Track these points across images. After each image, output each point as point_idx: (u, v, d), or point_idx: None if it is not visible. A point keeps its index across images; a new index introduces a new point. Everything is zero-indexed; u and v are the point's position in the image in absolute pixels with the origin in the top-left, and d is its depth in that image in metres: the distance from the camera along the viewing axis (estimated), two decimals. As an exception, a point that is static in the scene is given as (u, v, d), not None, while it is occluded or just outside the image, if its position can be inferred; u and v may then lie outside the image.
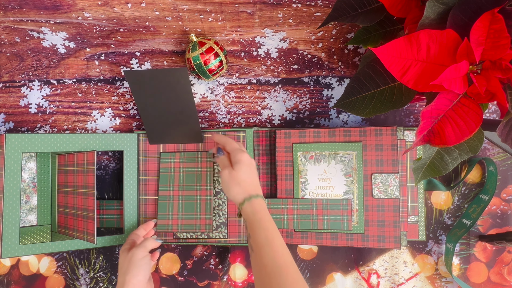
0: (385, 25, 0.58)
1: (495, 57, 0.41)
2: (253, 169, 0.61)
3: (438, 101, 0.44)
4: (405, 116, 0.75)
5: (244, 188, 0.58)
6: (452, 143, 0.43)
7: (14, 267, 0.75)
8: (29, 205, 0.75)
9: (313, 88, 0.76)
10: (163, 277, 0.75)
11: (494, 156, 0.73)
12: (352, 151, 0.68)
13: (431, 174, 0.52)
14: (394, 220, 0.66)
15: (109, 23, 0.75)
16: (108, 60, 0.77)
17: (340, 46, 0.76)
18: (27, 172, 0.75)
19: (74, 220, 0.70)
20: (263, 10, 0.73)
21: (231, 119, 0.76)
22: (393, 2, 0.51)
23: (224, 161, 0.62)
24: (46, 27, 0.75)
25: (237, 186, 0.58)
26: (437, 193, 0.74)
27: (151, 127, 0.71)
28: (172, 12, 0.73)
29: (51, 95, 0.77)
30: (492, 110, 0.75)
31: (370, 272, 0.73)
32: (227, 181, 0.59)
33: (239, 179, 0.58)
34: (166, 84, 0.66)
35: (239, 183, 0.58)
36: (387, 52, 0.44)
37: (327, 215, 0.68)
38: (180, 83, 0.66)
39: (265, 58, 0.76)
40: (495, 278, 0.73)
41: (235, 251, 0.75)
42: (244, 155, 0.60)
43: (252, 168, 0.61)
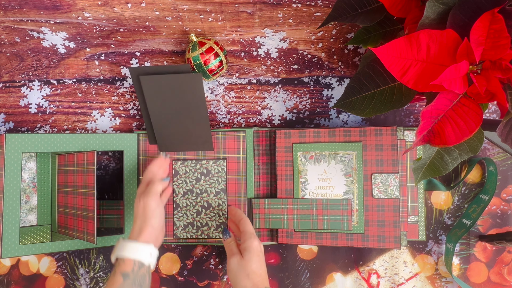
0: (385, 25, 0.58)
1: (495, 57, 0.41)
2: (262, 258, 0.59)
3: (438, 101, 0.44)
4: (405, 116, 0.75)
5: (253, 282, 0.56)
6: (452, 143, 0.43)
7: (14, 267, 0.75)
8: (29, 205, 0.75)
9: (313, 88, 0.76)
10: (163, 277, 0.75)
11: (494, 156, 0.73)
12: (352, 151, 0.68)
13: (431, 174, 0.52)
14: (394, 220, 0.66)
15: (109, 23, 0.75)
16: (108, 60, 0.77)
17: (340, 46, 0.76)
18: (27, 172, 0.75)
19: (74, 220, 0.70)
20: (263, 10, 0.73)
21: (231, 119, 0.76)
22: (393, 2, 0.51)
23: (232, 246, 0.60)
24: (46, 27, 0.75)
25: (246, 278, 0.56)
26: (437, 193, 0.74)
27: (161, 134, 0.70)
28: (172, 12, 0.73)
29: (51, 95, 0.77)
30: (492, 110, 0.75)
31: (370, 272, 0.73)
32: (236, 271, 0.57)
33: (249, 271, 0.56)
34: (179, 90, 0.64)
35: (249, 275, 0.56)
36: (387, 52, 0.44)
37: (327, 215, 0.68)
38: (193, 89, 0.64)
39: (265, 58, 0.76)
40: (495, 278, 0.73)
41: (235, 251, 0.75)
42: (255, 242, 0.59)
43: (261, 257, 0.59)
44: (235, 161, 0.71)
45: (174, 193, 0.73)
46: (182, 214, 0.72)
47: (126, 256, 0.55)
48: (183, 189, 0.72)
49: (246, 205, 0.71)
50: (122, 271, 0.54)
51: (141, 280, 0.55)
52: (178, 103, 0.66)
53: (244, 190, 0.71)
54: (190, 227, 0.72)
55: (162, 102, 0.66)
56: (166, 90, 0.65)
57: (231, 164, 0.72)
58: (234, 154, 0.72)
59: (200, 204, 0.72)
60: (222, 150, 0.72)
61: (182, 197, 0.72)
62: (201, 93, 0.65)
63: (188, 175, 0.72)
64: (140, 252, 0.56)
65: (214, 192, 0.72)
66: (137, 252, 0.56)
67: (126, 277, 0.53)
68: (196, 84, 0.64)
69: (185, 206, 0.72)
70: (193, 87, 0.64)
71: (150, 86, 0.65)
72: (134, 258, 0.55)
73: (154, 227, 0.59)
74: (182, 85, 0.64)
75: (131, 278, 0.54)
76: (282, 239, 0.70)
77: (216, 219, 0.72)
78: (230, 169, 0.72)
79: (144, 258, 0.56)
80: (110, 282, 0.54)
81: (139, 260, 0.55)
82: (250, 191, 0.71)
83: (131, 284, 0.53)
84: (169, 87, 0.65)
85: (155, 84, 0.65)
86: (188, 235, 0.72)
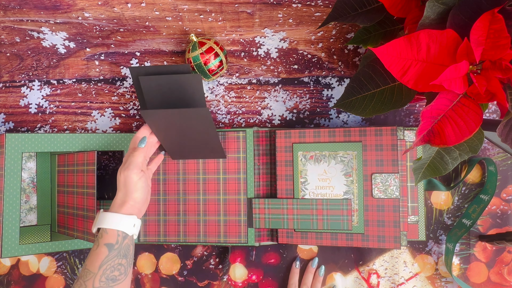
0: (385, 25, 0.58)
1: (495, 57, 0.41)
2: None
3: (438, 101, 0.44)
4: (405, 116, 0.75)
5: None
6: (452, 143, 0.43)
7: (14, 267, 0.75)
8: (29, 205, 0.75)
9: (313, 88, 0.76)
10: (163, 277, 0.75)
11: (494, 156, 0.73)
12: (352, 151, 0.68)
13: (431, 174, 0.52)
14: (394, 220, 0.66)
15: (109, 23, 0.75)
16: (108, 60, 0.77)
17: (340, 46, 0.76)
18: (27, 172, 0.75)
19: (74, 220, 0.70)
20: (263, 10, 0.73)
21: (231, 119, 0.76)
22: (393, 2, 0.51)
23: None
24: (46, 27, 0.75)
25: None
26: (437, 193, 0.74)
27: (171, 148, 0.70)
28: (172, 12, 0.73)
29: (51, 95, 0.77)
30: (492, 110, 0.75)
31: (370, 272, 0.73)
32: None
33: None
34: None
35: None
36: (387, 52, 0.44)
37: (327, 215, 0.68)
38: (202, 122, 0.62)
39: (265, 58, 0.76)
40: (495, 278, 0.73)
41: (235, 251, 0.75)
42: None
43: None
44: (235, 161, 0.71)
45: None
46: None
47: (109, 227, 0.55)
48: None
49: (246, 205, 0.71)
50: (105, 242, 0.53)
51: (126, 250, 0.55)
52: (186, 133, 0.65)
53: (244, 190, 0.71)
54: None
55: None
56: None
57: (231, 164, 0.72)
58: (234, 154, 0.72)
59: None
60: (222, 150, 0.72)
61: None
62: (210, 125, 0.63)
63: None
64: (123, 223, 0.55)
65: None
66: (120, 223, 0.55)
67: (110, 248, 0.53)
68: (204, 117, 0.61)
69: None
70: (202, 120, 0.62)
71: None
72: (118, 229, 0.55)
73: (136, 201, 0.58)
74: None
75: (115, 249, 0.53)
76: (282, 239, 0.70)
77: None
78: (230, 169, 0.72)
79: (127, 229, 0.55)
80: (94, 254, 0.53)
81: (122, 231, 0.55)
82: (250, 191, 0.71)
83: (116, 254, 0.53)
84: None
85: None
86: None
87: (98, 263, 0.52)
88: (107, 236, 0.54)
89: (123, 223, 0.55)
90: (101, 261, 0.52)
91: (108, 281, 0.51)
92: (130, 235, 0.56)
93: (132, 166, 0.58)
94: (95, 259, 0.52)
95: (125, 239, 0.55)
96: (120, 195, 0.58)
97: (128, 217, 0.56)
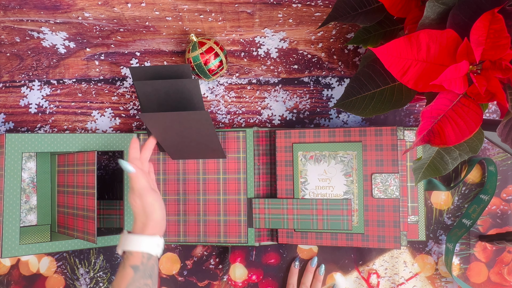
0: (385, 25, 0.58)
1: (495, 57, 0.41)
2: None
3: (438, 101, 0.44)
4: (405, 116, 0.75)
5: None
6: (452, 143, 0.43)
7: (14, 267, 0.75)
8: (29, 205, 0.75)
9: (313, 88, 0.76)
10: (163, 277, 0.75)
11: (494, 156, 0.73)
12: (352, 151, 0.68)
13: (431, 174, 0.52)
14: (394, 220, 0.66)
15: (109, 23, 0.75)
16: (108, 60, 0.77)
17: (340, 46, 0.76)
18: (27, 172, 0.75)
19: (74, 220, 0.70)
20: (263, 10, 0.73)
21: (231, 119, 0.76)
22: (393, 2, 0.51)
23: None
24: (46, 27, 0.75)
25: None
26: (437, 193, 0.74)
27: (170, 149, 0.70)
28: (172, 12, 0.73)
29: (51, 95, 0.77)
30: (492, 110, 0.75)
31: (370, 272, 0.73)
32: None
33: None
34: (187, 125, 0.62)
35: None
36: (387, 52, 0.44)
37: (327, 215, 0.68)
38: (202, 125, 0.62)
39: (265, 58, 0.76)
40: (495, 278, 0.73)
41: (235, 251, 0.75)
42: None
43: None
44: (235, 161, 0.71)
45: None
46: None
47: (134, 249, 0.56)
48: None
49: (246, 205, 0.71)
50: (131, 264, 0.55)
51: (151, 271, 0.56)
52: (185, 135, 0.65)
53: (244, 190, 0.71)
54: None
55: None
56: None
57: (231, 164, 0.72)
58: (234, 154, 0.72)
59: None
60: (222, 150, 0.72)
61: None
62: (210, 128, 0.63)
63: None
64: (147, 245, 0.56)
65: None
66: (144, 244, 0.56)
67: (136, 269, 0.54)
68: (204, 120, 0.61)
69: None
70: (202, 123, 0.62)
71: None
72: (142, 251, 0.56)
73: (157, 221, 0.59)
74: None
75: (141, 270, 0.54)
76: (282, 239, 0.70)
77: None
78: (230, 169, 0.72)
79: (152, 250, 0.56)
80: (120, 276, 0.54)
81: (147, 252, 0.56)
82: (250, 191, 0.71)
83: (142, 276, 0.54)
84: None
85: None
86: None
87: (125, 284, 0.53)
88: (132, 258, 0.55)
89: (147, 245, 0.56)
90: (128, 283, 0.53)
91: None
92: (154, 255, 0.57)
93: (143, 191, 0.59)
94: (121, 281, 0.54)
95: (150, 260, 0.56)
96: (141, 218, 0.59)
97: (152, 237, 0.57)
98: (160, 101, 0.64)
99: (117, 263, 0.75)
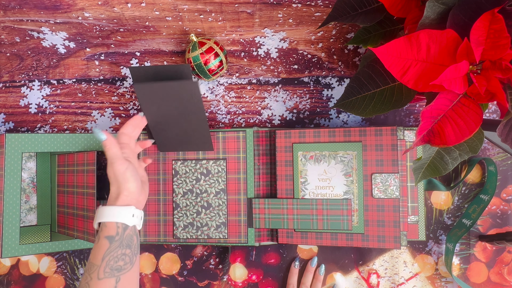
0: (385, 25, 0.58)
1: (495, 57, 0.41)
2: None
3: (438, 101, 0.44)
4: (405, 116, 0.75)
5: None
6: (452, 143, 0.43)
7: (14, 267, 0.75)
8: (29, 205, 0.75)
9: (313, 88, 0.76)
10: (163, 277, 0.75)
11: (494, 156, 0.73)
12: (352, 151, 0.68)
13: (431, 174, 0.52)
14: (394, 220, 0.66)
15: (109, 23, 0.75)
16: (108, 60, 0.77)
17: (340, 46, 0.76)
18: (27, 172, 0.75)
19: (74, 220, 0.70)
20: (263, 10, 0.73)
21: (231, 119, 0.76)
22: (393, 2, 0.51)
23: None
24: (46, 27, 0.75)
25: None
26: (437, 193, 0.74)
27: (159, 136, 0.70)
28: (172, 12, 0.73)
29: (51, 95, 0.77)
30: (492, 110, 0.75)
31: (370, 272, 0.73)
32: None
33: None
34: (175, 96, 0.63)
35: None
36: (387, 52, 0.44)
37: (327, 215, 0.68)
38: (190, 96, 0.63)
39: (265, 58, 0.76)
40: (495, 278, 0.73)
41: (235, 251, 0.75)
42: None
43: None
44: (235, 161, 0.71)
45: (174, 193, 0.73)
46: (182, 214, 0.72)
47: (107, 220, 0.55)
48: (183, 189, 0.72)
49: (246, 205, 0.71)
50: (106, 235, 0.54)
51: (128, 241, 0.55)
52: (174, 109, 0.65)
53: (244, 190, 0.71)
54: (190, 227, 0.72)
55: (158, 109, 0.65)
56: (161, 96, 0.63)
57: (231, 164, 0.72)
58: (234, 154, 0.72)
59: (200, 204, 0.72)
60: (222, 150, 0.72)
61: (182, 197, 0.72)
62: (198, 100, 0.63)
63: (188, 175, 0.72)
64: (121, 215, 0.55)
65: (214, 192, 0.72)
66: (117, 215, 0.55)
67: (111, 240, 0.54)
68: (193, 91, 0.62)
69: (185, 206, 0.72)
70: (190, 94, 0.62)
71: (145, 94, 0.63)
72: (116, 221, 0.55)
73: (130, 190, 0.58)
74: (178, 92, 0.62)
75: (117, 240, 0.54)
76: (282, 239, 0.70)
77: (216, 219, 0.71)
78: (230, 169, 0.72)
79: (126, 220, 0.56)
80: (96, 247, 0.54)
81: (122, 222, 0.55)
82: (250, 191, 0.71)
83: (119, 245, 0.54)
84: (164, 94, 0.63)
85: (150, 91, 0.63)
86: (188, 235, 0.72)
87: (101, 255, 0.53)
88: (106, 229, 0.55)
89: (121, 215, 0.55)
90: (104, 253, 0.53)
91: (113, 271, 0.52)
92: (130, 226, 0.56)
93: (114, 159, 0.58)
94: (98, 252, 0.53)
95: (126, 230, 0.55)
96: (114, 189, 0.58)
97: (125, 208, 0.56)
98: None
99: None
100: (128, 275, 0.53)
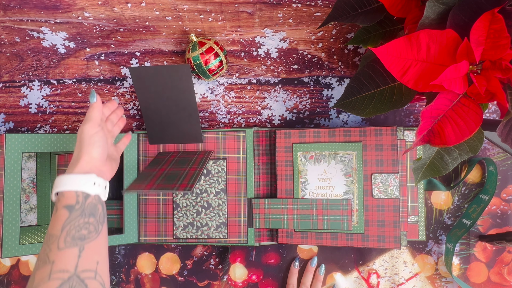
0: (385, 25, 0.58)
1: (495, 57, 0.41)
2: None
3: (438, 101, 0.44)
4: (405, 116, 0.75)
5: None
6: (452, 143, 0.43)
7: (14, 267, 0.75)
8: (29, 205, 0.75)
9: (313, 88, 0.76)
10: (163, 277, 0.75)
11: (494, 156, 0.73)
12: (352, 151, 0.68)
13: (431, 174, 0.52)
14: (394, 220, 0.66)
15: (109, 23, 0.75)
16: (108, 60, 0.77)
17: (340, 46, 0.76)
18: (27, 172, 0.75)
19: (74, 220, 0.70)
20: (263, 10, 0.73)
21: (231, 119, 0.76)
22: (393, 2, 0.51)
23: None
24: (46, 27, 0.75)
25: None
26: (437, 193, 0.74)
27: (152, 126, 0.71)
28: (172, 12, 0.73)
29: (51, 95, 0.77)
30: (492, 110, 0.75)
31: (370, 272, 0.73)
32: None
33: None
34: (168, 81, 0.66)
35: None
36: (387, 52, 0.44)
37: (327, 215, 0.68)
38: (182, 80, 0.66)
39: (265, 58, 0.76)
40: (495, 278, 0.73)
41: (235, 251, 0.75)
42: None
43: None
44: (235, 161, 0.71)
45: (174, 193, 0.73)
46: (182, 214, 0.72)
47: (65, 189, 0.50)
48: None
49: (246, 205, 0.71)
50: (64, 205, 0.49)
51: (92, 209, 0.50)
52: (167, 94, 0.68)
53: (244, 190, 0.71)
54: (190, 227, 0.72)
55: (152, 93, 0.68)
56: (155, 81, 0.67)
57: (231, 164, 0.72)
58: (234, 154, 0.72)
59: (200, 204, 0.72)
60: (222, 150, 0.72)
61: (182, 197, 0.72)
62: (189, 84, 0.67)
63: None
64: (80, 183, 0.51)
65: (214, 192, 0.72)
66: (76, 183, 0.51)
67: (71, 209, 0.49)
68: (184, 75, 0.66)
69: (185, 206, 0.72)
70: (182, 78, 0.66)
71: (139, 77, 0.67)
72: (76, 189, 0.50)
73: (92, 156, 0.54)
74: (171, 76, 0.66)
75: (77, 209, 0.49)
76: (282, 239, 0.70)
77: (216, 219, 0.72)
78: (230, 169, 0.72)
79: (87, 188, 0.51)
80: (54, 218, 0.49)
81: (82, 191, 0.51)
82: (250, 191, 0.71)
83: (79, 215, 0.49)
84: (158, 78, 0.66)
85: (144, 75, 0.66)
86: (188, 235, 0.72)
87: (60, 225, 0.48)
88: (64, 198, 0.50)
89: (80, 183, 0.51)
90: (63, 223, 0.48)
91: (75, 240, 0.47)
92: (92, 194, 0.51)
93: (89, 120, 0.55)
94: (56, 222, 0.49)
95: (88, 199, 0.51)
96: (75, 153, 0.54)
97: (85, 176, 0.52)
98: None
99: (117, 263, 0.75)
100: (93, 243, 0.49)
